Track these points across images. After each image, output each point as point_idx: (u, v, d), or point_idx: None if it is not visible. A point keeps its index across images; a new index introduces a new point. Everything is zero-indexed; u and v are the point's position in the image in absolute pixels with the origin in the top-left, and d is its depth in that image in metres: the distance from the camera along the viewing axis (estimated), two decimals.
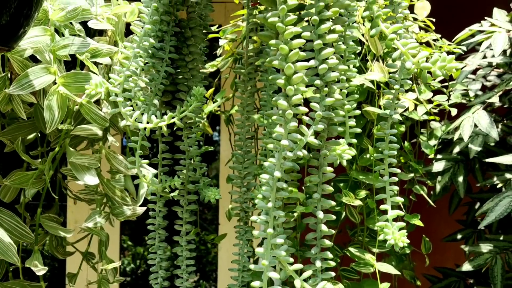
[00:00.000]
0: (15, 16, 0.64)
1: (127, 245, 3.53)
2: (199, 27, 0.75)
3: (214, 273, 3.18)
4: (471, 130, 0.83)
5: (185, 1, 0.73)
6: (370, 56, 0.85)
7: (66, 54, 0.84)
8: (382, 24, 0.54)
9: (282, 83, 0.46)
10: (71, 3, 0.90)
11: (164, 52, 0.71)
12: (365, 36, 0.86)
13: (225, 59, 1.05)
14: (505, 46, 0.84)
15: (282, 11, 0.47)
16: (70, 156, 0.95)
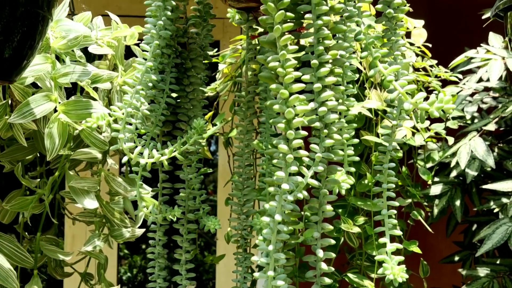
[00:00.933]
0: (18, 48, 0.65)
1: (124, 253, 3.51)
2: (199, 57, 0.76)
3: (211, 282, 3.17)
4: (467, 158, 0.84)
5: (185, 33, 0.74)
6: (367, 83, 0.86)
7: (67, 82, 0.85)
8: (381, 65, 0.55)
9: (282, 127, 0.47)
10: (72, 30, 0.91)
11: (165, 84, 0.72)
12: (362, 64, 0.87)
13: (224, 82, 1.06)
14: (501, 74, 0.86)
15: (283, 56, 0.48)
16: (69, 180, 0.95)
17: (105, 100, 1.05)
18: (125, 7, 2.10)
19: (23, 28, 0.62)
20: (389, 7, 0.59)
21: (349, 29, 0.55)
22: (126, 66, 1.11)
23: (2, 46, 0.61)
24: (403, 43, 0.59)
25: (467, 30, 1.66)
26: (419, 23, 0.92)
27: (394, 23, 0.60)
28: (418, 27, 0.92)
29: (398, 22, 0.60)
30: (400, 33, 0.60)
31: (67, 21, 0.92)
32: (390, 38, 0.59)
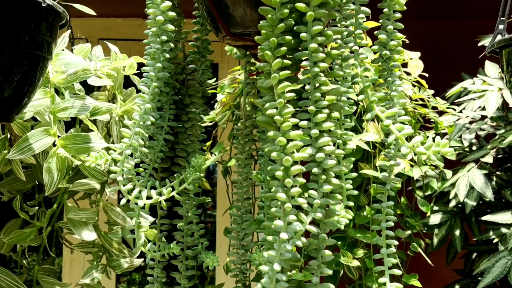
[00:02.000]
0: (18, 89, 0.65)
1: None
2: (197, 93, 0.76)
3: None
4: (466, 190, 0.84)
5: (184, 70, 0.75)
6: (365, 116, 0.86)
7: (66, 116, 0.85)
8: (377, 108, 0.55)
9: (280, 175, 0.47)
10: (72, 64, 0.91)
11: (163, 120, 0.72)
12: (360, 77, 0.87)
13: (223, 112, 1.07)
14: (497, 105, 0.86)
15: (280, 104, 0.48)
16: (68, 212, 0.95)
17: (104, 130, 1.06)
18: (124, 31, 2.12)
19: (22, 69, 0.62)
20: (385, 48, 0.60)
21: (346, 73, 0.56)
22: (125, 95, 1.12)
23: (2, 87, 0.62)
24: (400, 84, 0.60)
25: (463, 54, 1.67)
26: (415, 55, 0.93)
27: (390, 64, 0.60)
28: (415, 58, 0.93)
29: (394, 63, 0.60)
30: (396, 74, 0.60)
31: (66, 54, 0.93)
32: (387, 79, 0.60)
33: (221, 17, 0.63)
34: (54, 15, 0.63)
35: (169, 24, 0.62)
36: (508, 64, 0.65)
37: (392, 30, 0.59)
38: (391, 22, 0.59)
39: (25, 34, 0.60)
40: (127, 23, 2.10)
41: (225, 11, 0.63)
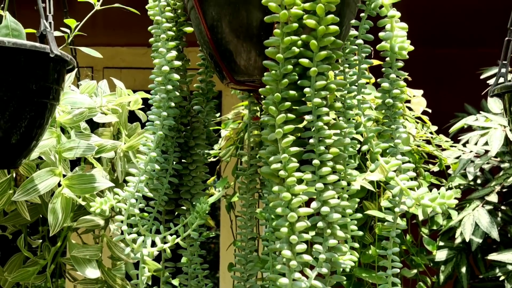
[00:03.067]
0: (25, 135, 0.66)
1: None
2: (202, 135, 0.77)
3: None
4: (472, 229, 0.84)
5: (189, 112, 0.76)
6: (369, 166, 0.86)
7: (72, 156, 0.86)
8: (382, 159, 0.56)
9: (285, 231, 0.47)
10: (78, 102, 0.92)
11: (168, 163, 0.73)
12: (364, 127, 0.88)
13: (227, 147, 1.07)
14: (501, 144, 0.86)
15: (284, 158, 0.48)
16: (71, 249, 0.95)
17: (108, 165, 1.06)
18: (128, 60, 2.14)
19: (30, 117, 0.63)
20: (388, 96, 0.60)
21: (349, 124, 0.56)
22: (130, 130, 1.12)
23: (9, 135, 0.62)
24: (404, 131, 0.60)
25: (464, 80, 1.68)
26: (418, 93, 0.94)
27: (393, 111, 0.61)
28: (417, 95, 0.94)
29: (397, 111, 0.61)
30: (400, 121, 0.61)
31: (72, 93, 0.94)
32: (390, 126, 0.60)
33: (225, 65, 0.64)
34: (62, 63, 0.65)
35: (175, 73, 0.63)
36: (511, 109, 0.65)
37: (395, 79, 0.60)
38: (394, 70, 0.60)
39: (33, 84, 0.61)
40: (132, 51, 2.12)
41: (229, 59, 0.63)
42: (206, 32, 0.63)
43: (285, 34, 0.51)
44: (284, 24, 0.51)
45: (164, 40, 0.62)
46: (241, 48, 0.61)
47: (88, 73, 1.16)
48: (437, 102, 1.50)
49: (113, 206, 0.69)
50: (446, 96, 1.95)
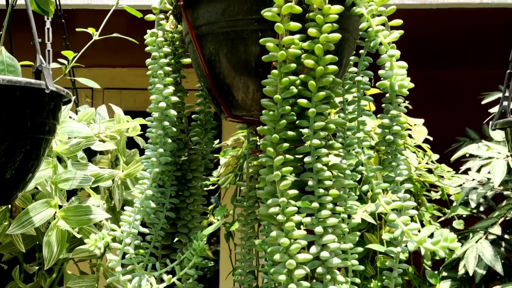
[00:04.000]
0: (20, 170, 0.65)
1: None
2: (200, 167, 0.76)
3: None
4: (475, 263, 0.82)
5: (186, 145, 0.75)
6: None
7: (68, 187, 0.85)
8: (382, 199, 0.54)
9: (284, 279, 0.45)
10: (75, 131, 0.91)
11: (165, 197, 0.71)
12: (364, 166, 0.87)
13: (226, 174, 1.06)
14: (504, 174, 0.85)
15: (283, 202, 0.47)
16: (67, 280, 0.93)
17: (106, 193, 1.05)
18: (129, 80, 2.14)
19: (24, 152, 0.62)
20: (389, 132, 0.59)
21: (349, 164, 0.55)
22: (128, 157, 1.11)
23: (2, 171, 0.61)
24: (404, 168, 0.59)
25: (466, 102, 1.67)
26: (419, 121, 0.93)
27: (394, 147, 0.59)
28: (418, 124, 0.93)
29: (398, 147, 0.60)
30: (401, 158, 0.60)
31: (69, 122, 0.93)
32: (391, 163, 0.59)
33: (223, 100, 0.63)
34: (58, 98, 0.64)
35: (172, 109, 0.62)
36: None
37: (395, 115, 0.59)
38: (394, 106, 0.59)
39: (28, 120, 0.60)
40: (132, 72, 2.12)
41: (227, 94, 0.63)
42: (204, 67, 0.63)
43: (283, 74, 0.50)
44: (282, 64, 0.50)
45: (162, 76, 0.61)
46: (239, 83, 0.60)
47: (87, 99, 1.15)
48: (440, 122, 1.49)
49: (108, 243, 0.67)
50: (448, 116, 1.94)
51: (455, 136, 1.41)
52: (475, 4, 1.23)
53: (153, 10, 0.63)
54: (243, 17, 0.57)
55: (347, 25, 0.59)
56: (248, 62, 0.59)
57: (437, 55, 1.86)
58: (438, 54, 1.85)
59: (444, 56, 1.87)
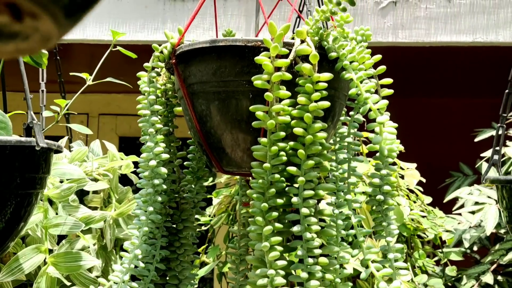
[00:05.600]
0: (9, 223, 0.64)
1: None
2: (191, 217, 0.75)
3: None
4: None
5: (178, 194, 0.74)
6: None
7: (58, 233, 0.84)
8: (372, 265, 0.54)
9: None
10: (67, 174, 0.91)
11: (155, 249, 0.71)
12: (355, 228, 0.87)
13: (218, 214, 1.06)
14: (496, 221, 0.85)
15: (271, 275, 0.47)
16: None
17: (97, 232, 1.04)
18: (124, 106, 2.15)
19: (13, 207, 0.62)
20: (379, 191, 0.59)
21: (339, 232, 0.55)
22: (120, 194, 1.11)
23: None
24: (395, 228, 0.59)
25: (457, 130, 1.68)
26: (411, 165, 0.93)
27: (384, 207, 0.59)
28: (411, 168, 0.93)
29: (389, 206, 0.60)
30: (392, 217, 0.60)
31: (61, 164, 0.93)
32: (382, 223, 0.59)
33: (214, 156, 0.63)
34: (49, 152, 0.64)
35: (162, 167, 0.62)
36: (504, 201, 0.64)
37: (385, 175, 0.59)
38: (385, 166, 0.59)
39: (18, 177, 0.59)
40: (128, 98, 2.13)
41: (218, 151, 0.63)
42: (195, 123, 0.63)
43: (272, 142, 0.50)
44: (271, 132, 0.51)
45: (153, 133, 0.61)
46: (230, 141, 0.60)
47: (80, 136, 1.15)
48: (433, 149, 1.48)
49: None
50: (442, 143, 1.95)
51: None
52: (467, 43, 1.24)
53: (145, 67, 0.64)
54: (234, 78, 0.58)
55: (338, 84, 0.60)
56: (239, 121, 0.59)
57: (429, 84, 1.88)
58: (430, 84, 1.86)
59: (436, 86, 1.88)
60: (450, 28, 1.24)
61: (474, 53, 1.40)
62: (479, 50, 1.33)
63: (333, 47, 0.55)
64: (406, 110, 1.50)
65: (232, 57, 0.57)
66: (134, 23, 1.28)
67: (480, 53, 1.39)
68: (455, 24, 1.25)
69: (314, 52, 0.51)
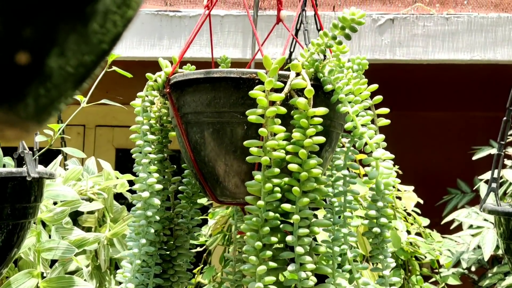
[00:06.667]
0: (4, 247, 0.63)
1: None
2: (185, 243, 0.74)
3: None
4: None
5: (172, 221, 0.73)
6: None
7: (51, 257, 0.83)
8: None
9: None
10: (60, 195, 0.90)
11: (148, 277, 0.70)
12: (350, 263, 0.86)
13: (214, 235, 1.05)
14: (494, 246, 0.84)
15: None
16: None
17: (91, 252, 1.03)
18: (121, 118, 2.14)
19: (5, 235, 0.61)
20: (376, 224, 0.59)
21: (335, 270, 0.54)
22: (115, 213, 1.10)
23: None
24: (392, 261, 0.58)
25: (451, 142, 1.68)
26: (409, 188, 0.92)
27: (380, 239, 0.59)
28: (408, 190, 0.92)
29: (386, 239, 0.59)
30: (389, 250, 0.59)
31: (55, 185, 0.92)
32: (378, 256, 0.58)
33: (208, 186, 0.62)
34: (41, 181, 0.63)
35: (155, 198, 0.61)
36: (502, 230, 0.63)
37: (382, 207, 0.58)
38: (381, 198, 0.58)
39: (9, 208, 0.59)
40: (125, 110, 2.11)
41: (212, 181, 0.62)
42: (189, 152, 0.62)
43: (266, 178, 0.49)
44: (266, 167, 0.50)
45: (146, 164, 0.60)
46: (224, 172, 0.60)
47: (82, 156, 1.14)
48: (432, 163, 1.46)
49: None
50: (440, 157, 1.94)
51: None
52: (465, 61, 1.24)
53: (138, 97, 0.63)
54: (229, 109, 0.57)
55: (334, 114, 0.59)
56: (233, 152, 0.58)
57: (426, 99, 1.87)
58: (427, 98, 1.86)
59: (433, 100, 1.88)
60: (447, 46, 1.24)
61: (472, 70, 1.40)
62: (476, 67, 1.33)
63: (329, 79, 0.54)
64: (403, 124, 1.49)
65: (227, 88, 0.57)
66: (130, 39, 1.27)
67: (477, 70, 1.39)
68: (452, 42, 1.24)
69: (309, 87, 0.51)
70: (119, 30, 0.20)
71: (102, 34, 0.19)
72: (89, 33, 0.19)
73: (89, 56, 0.19)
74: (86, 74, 0.20)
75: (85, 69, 0.19)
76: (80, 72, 0.19)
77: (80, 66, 0.19)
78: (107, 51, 0.20)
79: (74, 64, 0.19)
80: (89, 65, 0.19)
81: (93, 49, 0.19)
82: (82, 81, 0.20)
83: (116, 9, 0.20)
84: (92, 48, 0.19)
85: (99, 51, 0.19)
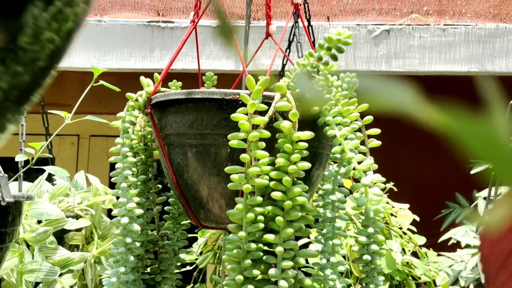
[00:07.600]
0: None
1: None
2: (171, 266, 0.71)
3: None
4: None
5: (156, 244, 0.71)
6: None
7: (33, 280, 0.80)
8: None
9: None
10: (45, 214, 0.87)
11: None
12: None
13: (205, 253, 1.02)
14: None
15: None
16: None
17: (79, 271, 1.00)
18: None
19: None
20: (366, 251, 0.56)
21: None
22: (104, 229, 1.07)
23: None
24: None
25: None
26: (404, 206, 0.90)
27: (371, 267, 0.56)
28: (404, 208, 0.90)
29: (377, 266, 0.56)
30: (380, 278, 0.56)
31: (39, 203, 0.89)
32: (368, 285, 0.55)
33: (191, 210, 0.60)
34: (18, 204, 0.60)
35: (135, 224, 0.59)
36: None
37: (372, 233, 0.55)
38: (371, 224, 0.56)
39: None
40: None
41: (195, 205, 0.59)
42: (171, 175, 0.59)
43: (248, 207, 0.47)
44: (248, 195, 0.47)
45: (125, 188, 0.58)
46: (207, 196, 0.57)
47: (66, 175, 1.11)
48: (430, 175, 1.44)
49: None
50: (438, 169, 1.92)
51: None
52: (462, 72, 1.21)
53: (118, 118, 0.60)
54: (212, 131, 0.54)
55: (321, 135, 0.56)
56: (217, 175, 0.56)
57: None
58: None
59: None
60: (444, 57, 1.21)
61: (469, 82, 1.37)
62: (474, 79, 1.30)
63: None
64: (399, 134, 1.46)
65: (210, 109, 0.54)
66: (121, 50, 1.25)
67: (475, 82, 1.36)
68: (449, 53, 1.22)
69: (294, 110, 0.48)
70: (58, 44, 0.18)
71: (34, 51, 0.17)
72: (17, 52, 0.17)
73: (23, 76, 0.17)
74: (25, 93, 0.18)
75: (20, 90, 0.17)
76: (14, 94, 0.17)
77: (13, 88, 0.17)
78: (46, 68, 0.18)
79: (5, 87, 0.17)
80: (26, 84, 0.17)
81: (27, 68, 0.17)
82: (24, 100, 0.18)
83: (47, 24, 0.17)
84: (25, 67, 0.17)
85: (36, 69, 0.17)
